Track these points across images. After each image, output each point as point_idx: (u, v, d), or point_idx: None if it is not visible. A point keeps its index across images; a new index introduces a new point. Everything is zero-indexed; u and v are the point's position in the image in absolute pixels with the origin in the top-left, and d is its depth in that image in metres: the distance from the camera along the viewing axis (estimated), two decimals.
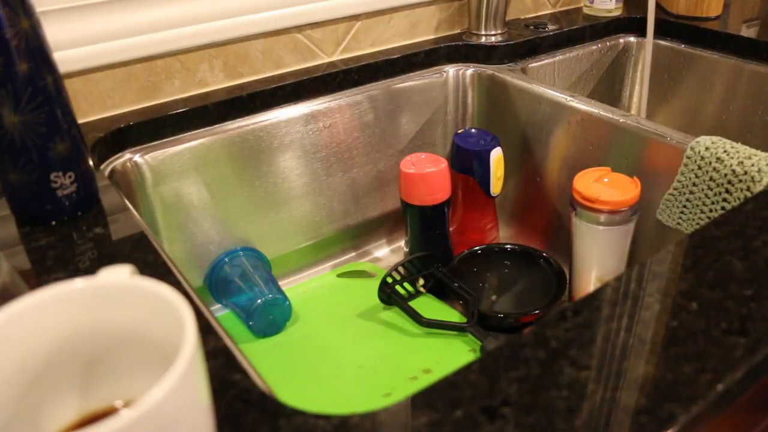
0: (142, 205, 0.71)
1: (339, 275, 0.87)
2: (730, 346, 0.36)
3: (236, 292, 0.75)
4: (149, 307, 0.28)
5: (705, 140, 0.65)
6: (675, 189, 0.68)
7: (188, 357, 0.24)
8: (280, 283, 0.80)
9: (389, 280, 0.77)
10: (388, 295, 0.77)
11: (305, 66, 0.84)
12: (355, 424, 0.32)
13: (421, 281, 0.80)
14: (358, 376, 0.68)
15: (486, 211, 0.86)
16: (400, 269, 0.79)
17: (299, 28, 0.82)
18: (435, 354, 0.70)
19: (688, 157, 0.66)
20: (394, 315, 0.77)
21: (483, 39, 0.92)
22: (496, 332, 0.71)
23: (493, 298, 0.79)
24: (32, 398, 0.28)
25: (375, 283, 0.79)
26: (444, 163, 0.77)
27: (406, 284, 0.79)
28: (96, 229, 0.51)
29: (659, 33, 1.00)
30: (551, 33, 0.95)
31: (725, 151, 0.63)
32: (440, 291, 0.80)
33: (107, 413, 0.31)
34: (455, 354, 0.70)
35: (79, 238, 0.50)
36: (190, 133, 0.73)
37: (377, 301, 0.78)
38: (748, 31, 0.92)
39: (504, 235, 0.94)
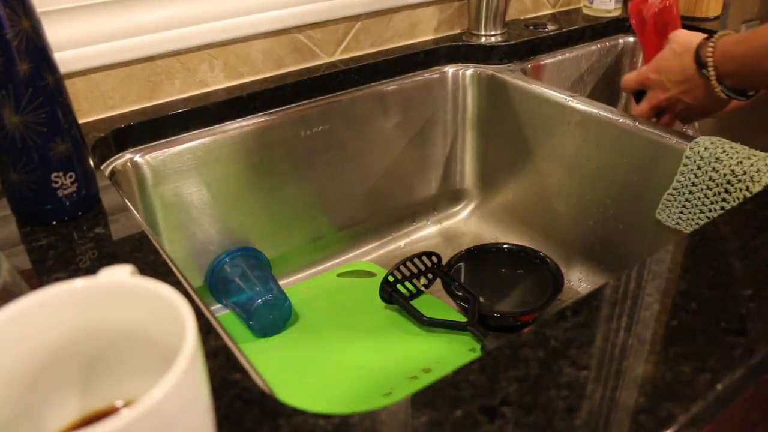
0: (142, 205, 0.71)
1: (339, 275, 0.87)
2: (730, 345, 0.36)
3: (236, 292, 0.75)
4: (150, 307, 0.28)
5: (704, 140, 0.65)
6: (674, 189, 0.68)
7: (189, 356, 0.24)
8: (280, 282, 0.80)
9: (390, 279, 0.77)
10: (389, 294, 0.77)
11: (305, 66, 0.84)
12: (354, 423, 0.32)
13: (423, 280, 0.80)
14: (359, 375, 0.68)
15: None
16: (401, 268, 0.79)
17: (299, 29, 0.82)
18: (435, 353, 0.71)
19: (687, 157, 0.66)
20: (394, 315, 0.77)
21: (483, 39, 0.92)
22: (495, 331, 0.71)
23: (492, 297, 0.79)
24: (33, 398, 0.29)
25: (375, 283, 0.79)
26: None
27: (407, 283, 0.79)
28: (96, 229, 0.51)
29: None
30: (551, 33, 0.95)
31: (724, 152, 0.64)
32: (441, 290, 0.80)
33: (108, 413, 0.31)
34: (455, 353, 0.70)
35: (80, 238, 0.50)
36: (190, 133, 0.73)
37: (377, 300, 0.78)
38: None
39: (503, 234, 0.94)
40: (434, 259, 0.81)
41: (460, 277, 0.80)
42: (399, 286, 0.78)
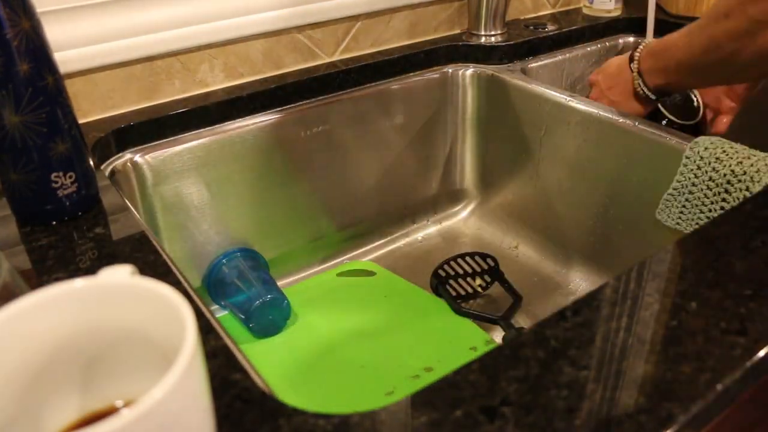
0: (142, 205, 0.71)
1: (339, 275, 0.87)
2: (730, 345, 0.36)
3: (234, 293, 0.75)
4: (150, 307, 0.28)
5: (704, 140, 0.65)
6: (674, 189, 0.68)
7: (188, 356, 0.24)
8: (280, 283, 0.80)
9: (442, 273, 0.81)
10: (436, 286, 0.80)
11: (305, 66, 0.84)
12: (355, 423, 0.32)
13: (478, 281, 0.82)
14: (360, 375, 0.68)
15: None
16: (453, 264, 0.82)
17: (299, 29, 0.82)
18: (437, 352, 0.71)
19: (687, 158, 0.66)
20: (395, 314, 0.77)
21: (483, 39, 0.92)
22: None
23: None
24: (33, 398, 0.29)
25: (376, 283, 0.80)
26: None
27: (460, 280, 0.81)
28: (96, 229, 0.51)
29: (659, 33, 0.99)
30: (551, 33, 0.95)
31: (724, 152, 0.64)
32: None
33: (108, 413, 0.31)
34: (457, 352, 0.70)
35: (80, 238, 0.50)
36: (190, 133, 0.73)
37: (377, 300, 0.78)
38: None
39: (503, 234, 0.94)
40: (490, 261, 0.82)
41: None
42: (451, 280, 0.81)
